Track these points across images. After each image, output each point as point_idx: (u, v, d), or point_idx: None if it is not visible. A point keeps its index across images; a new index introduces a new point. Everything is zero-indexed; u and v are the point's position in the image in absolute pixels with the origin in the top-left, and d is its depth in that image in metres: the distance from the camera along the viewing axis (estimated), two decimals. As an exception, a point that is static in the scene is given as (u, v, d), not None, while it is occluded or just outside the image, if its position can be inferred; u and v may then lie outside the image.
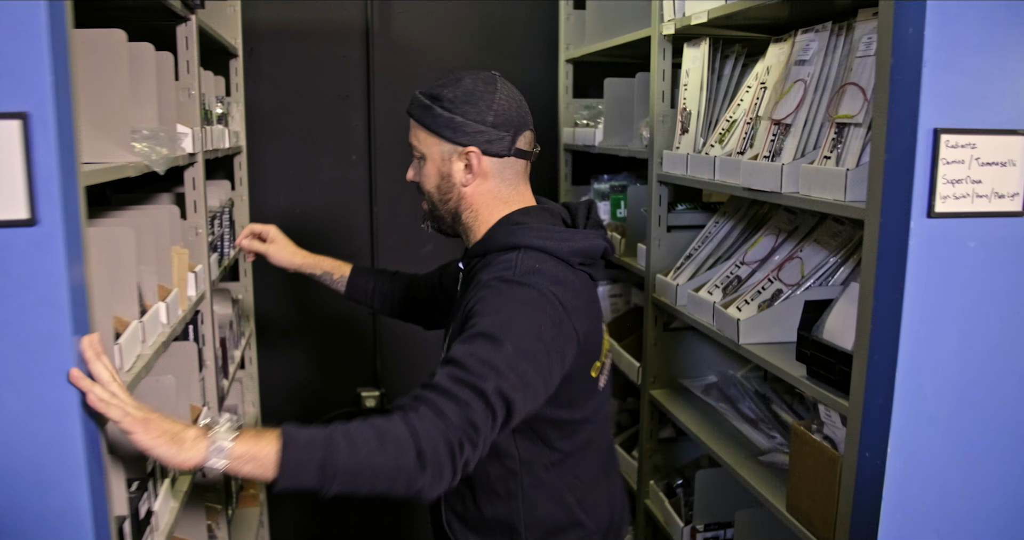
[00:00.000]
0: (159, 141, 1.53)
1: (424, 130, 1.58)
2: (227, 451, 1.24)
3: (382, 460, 1.25)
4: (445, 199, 1.61)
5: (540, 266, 1.48)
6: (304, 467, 1.24)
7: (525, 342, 1.38)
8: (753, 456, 2.15)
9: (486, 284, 1.46)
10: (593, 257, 1.59)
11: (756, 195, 1.90)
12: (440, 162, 1.58)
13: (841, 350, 1.62)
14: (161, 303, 1.70)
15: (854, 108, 1.65)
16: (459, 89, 1.57)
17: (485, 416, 1.31)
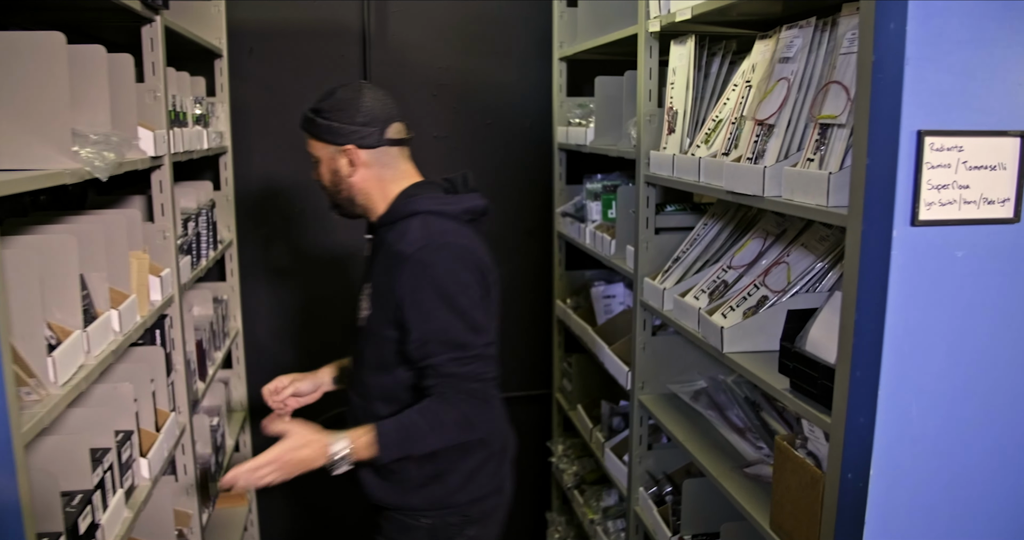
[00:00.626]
0: (108, 145, 1.47)
1: (313, 139, 1.90)
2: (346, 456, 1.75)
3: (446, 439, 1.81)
4: (339, 190, 1.92)
5: (443, 227, 1.82)
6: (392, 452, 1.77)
7: (469, 296, 1.79)
8: (739, 467, 2.08)
9: (412, 258, 1.76)
10: (477, 213, 1.94)
11: (738, 199, 1.83)
12: (329, 161, 1.90)
13: (823, 363, 1.55)
14: (113, 310, 1.64)
15: (837, 108, 1.57)
16: (332, 100, 1.87)
17: (489, 364, 1.85)
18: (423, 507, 1.93)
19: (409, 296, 1.76)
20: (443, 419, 1.77)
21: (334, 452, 1.73)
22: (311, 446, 1.74)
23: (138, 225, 1.91)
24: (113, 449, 1.67)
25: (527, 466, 3.87)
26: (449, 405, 1.77)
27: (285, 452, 1.72)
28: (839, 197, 1.50)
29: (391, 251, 1.82)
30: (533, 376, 3.79)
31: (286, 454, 1.71)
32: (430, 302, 1.75)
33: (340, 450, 1.74)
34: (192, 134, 2.36)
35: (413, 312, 1.76)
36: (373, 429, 1.76)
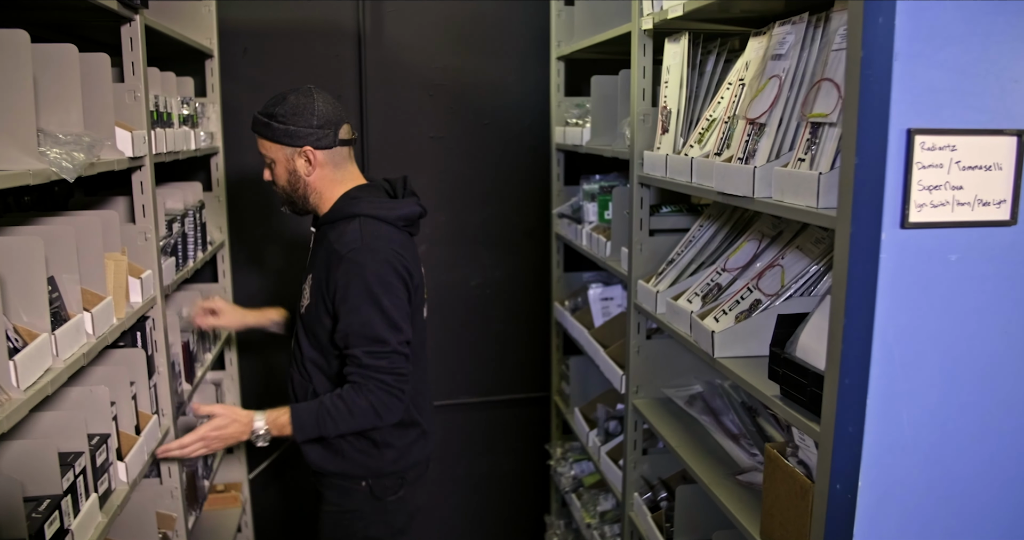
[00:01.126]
0: (79, 146, 1.44)
1: (269, 142, 2.04)
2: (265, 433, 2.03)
3: (356, 424, 2.01)
4: (295, 188, 2.09)
5: (377, 231, 2.00)
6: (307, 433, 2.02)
7: (393, 297, 1.97)
8: (731, 475, 2.03)
9: (346, 258, 1.96)
10: (412, 220, 2.11)
11: (729, 200, 1.78)
12: (286, 162, 2.05)
13: (813, 370, 1.50)
14: (85, 313, 1.61)
15: (828, 106, 1.53)
16: (286, 105, 2.00)
17: (404, 361, 2.01)
18: (361, 474, 2.15)
19: (340, 291, 1.97)
20: (354, 407, 1.98)
21: (255, 428, 2.03)
22: (236, 424, 2.03)
23: (115, 226, 1.88)
24: (86, 453, 1.63)
25: (526, 468, 3.84)
26: (362, 394, 1.98)
27: (212, 430, 2.03)
28: (829, 198, 1.45)
29: (331, 248, 2.00)
30: (531, 378, 3.75)
31: (212, 431, 2.03)
32: (357, 298, 1.95)
33: (259, 428, 2.03)
34: (178, 134, 2.33)
35: (342, 306, 1.97)
36: (288, 410, 2.02)
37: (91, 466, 1.66)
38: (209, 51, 2.96)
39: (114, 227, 1.91)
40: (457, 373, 3.65)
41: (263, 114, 2.02)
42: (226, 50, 3.16)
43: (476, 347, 3.64)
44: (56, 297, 1.59)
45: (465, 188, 3.53)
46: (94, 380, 1.83)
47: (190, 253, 2.56)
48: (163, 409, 2.18)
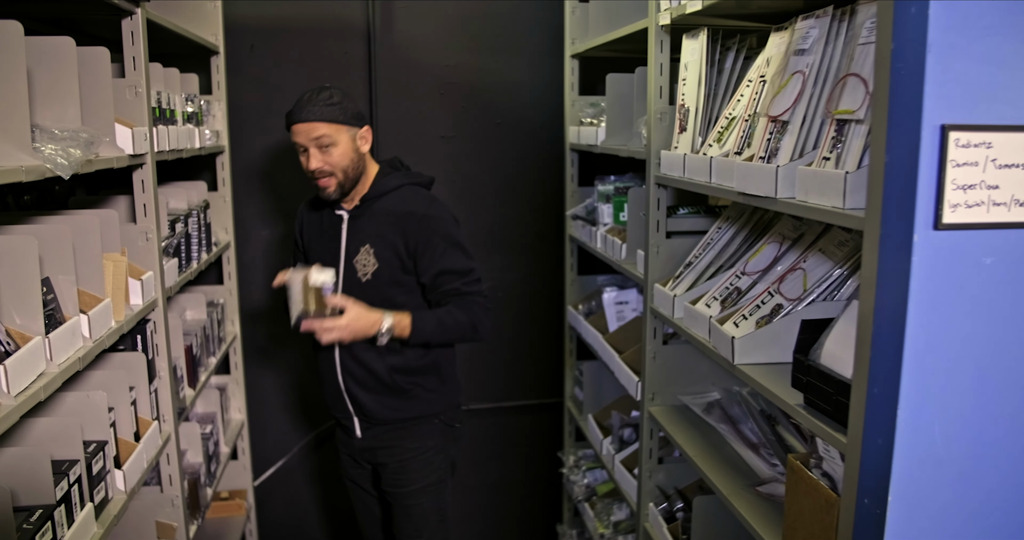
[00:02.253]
0: (76, 142, 1.38)
1: (335, 124, 2.20)
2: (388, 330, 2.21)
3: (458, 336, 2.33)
4: (357, 168, 2.29)
5: (425, 193, 2.38)
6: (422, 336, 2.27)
7: (464, 239, 2.35)
8: (751, 486, 1.96)
9: (425, 215, 2.29)
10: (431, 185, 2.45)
11: (750, 200, 1.71)
12: (351, 143, 2.25)
13: (839, 378, 1.43)
14: (82, 315, 1.56)
15: (855, 102, 1.45)
16: (336, 92, 2.23)
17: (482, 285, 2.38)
18: (436, 410, 2.45)
19: (423, 243, 2.28)
20: (461, 320, 2.29)
21: (382, 326, 2.20)
22: (366, 319, 2.19)
23: (115, 226, 1.83)
24: (82, 461, 1.58)
25: (537, 476, 3.77)
26: (464, 312, 2.30)
27: (352, 321, 2.17)
28: (856, 198, 1.38)
29: (398, 213, 2.29)
30: (544, 384, 3.68)
31: (352, 322, 2.17)
32: (442, 244, 2.29)
33: (386, 324, 2.20)
34: (182, 132, 2.28)
35: (427, 255, 2.28)
36: (410, 315, 2.25)
37: (87, 474, 1.61)
38: (215, 48, 2.92)
39: (113, 227, 1.86)
40: (467, 378, 3.56)
41: (323, 101, 2.18)
42: (232, 47, 3.11)
43: (487, 352, 3.57)
44: (51, 299, 1.54)
45: (476, 189, 3.47)
46: (91, 385, 1.78)
47: (194, 254, 2.51)
48: (164, 415, 2.13)
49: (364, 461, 2.54)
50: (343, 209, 2.36)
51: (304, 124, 2.18)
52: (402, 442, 2.44)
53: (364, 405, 2.40)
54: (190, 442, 2.52)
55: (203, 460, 2.58)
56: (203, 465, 2.57)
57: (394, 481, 2.47)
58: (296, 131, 2.20)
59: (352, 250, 2.34)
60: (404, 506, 2.48)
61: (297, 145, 2.22)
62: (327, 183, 2.25)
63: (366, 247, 2.31)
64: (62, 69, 1.56)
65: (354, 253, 2.33)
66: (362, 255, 2.32)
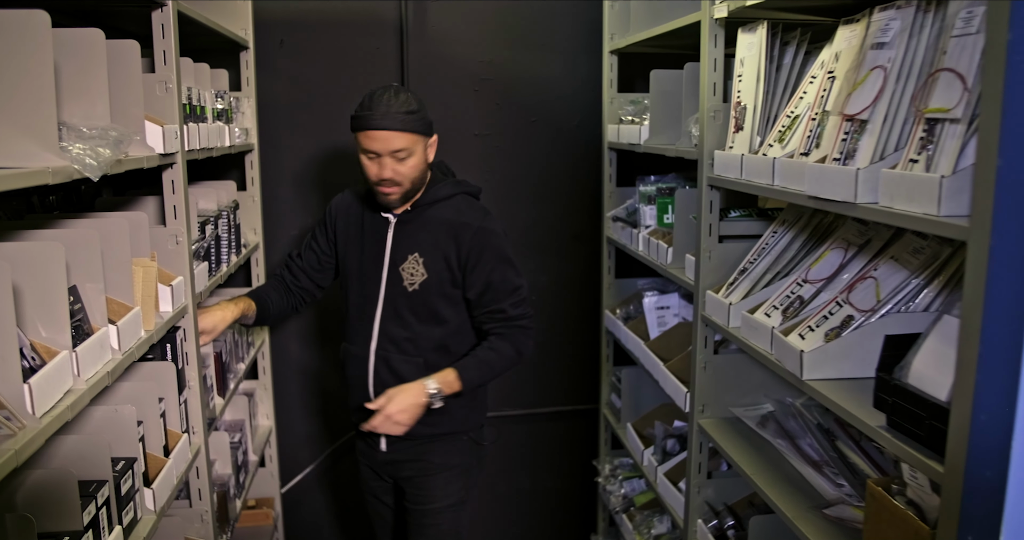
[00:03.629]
0: (105, 141, 1.28)
1: (413, 134, 2.10)
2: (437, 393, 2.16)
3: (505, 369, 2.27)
4: (423, 178, 2.22)
5: (477, 204, 2.31)
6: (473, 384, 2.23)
7: (512, 254, 2.27)
8: (816, 507, 1.84)
9: (480, 228, 2.21)
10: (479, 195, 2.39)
11: (824, 205, 1.59)
12: (423, 153, 2.17)
13: (933, 401, 1.31)
14: (111, 326, 1.46)
15: (950, 100, 1.33)
16: (413, 98, 2.12)
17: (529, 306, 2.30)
18: (468, 427, 2.37)
19: (475, 256, 2.20)
20: (504, 353, 2.24)
21: (430, 392, 2.15)
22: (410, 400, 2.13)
23: (145, 229, 1.74)
24: (110, 481, 1.48)
25: (571, 484, 3.66)
26: (508, 342, 2.24)
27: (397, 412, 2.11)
28: (954, 205, 1.26)
29: (452, 223, 2.21)
30: (579, 390, 3.57)
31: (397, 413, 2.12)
32: (494, 259, 2.21)
33: (432, 389, 2.15)
34: (212, 130, 2.18)
35: (479, 269, 2.21)
36: (453, 370, 2.19)
37: (115, 496, 1.51)
38: (244, 42, 2.82)
39: (143, 230, 1.76)
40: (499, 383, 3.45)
41: (400, 111, 2.07)
42: (262, 42, 3.02)
43: (520, 356, 3.46)
44: (78, 309, 1.44)
45: (511, 188, 3.36)
46: (119, 398, 1.69)
47: (223, 257, 2.41)
48: (194, 427, 2.04)
49: (386, 475, 2.45)
50: (390, 213, 2.26)
51: (384, 133, 2.07)
52: (428, 457, 2.36)
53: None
54: (219, 452, 2.43)
55: (232, 471, 2.49)
56: (232, 476, 2.48)
57: (415, 497, 2.39)
58: (372, 137, 2.08)
59: (399, 257, 2.24)
60: (421, 524, 2.40)
61: (367, 151, 2.11)
62: (392, 191, 2.16)
63: (414, 255, 2.23)
64: (91, 63, 1.46)
65: (400, 260, 2.24)
66: (410, 263, 2.23)
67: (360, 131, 2.09)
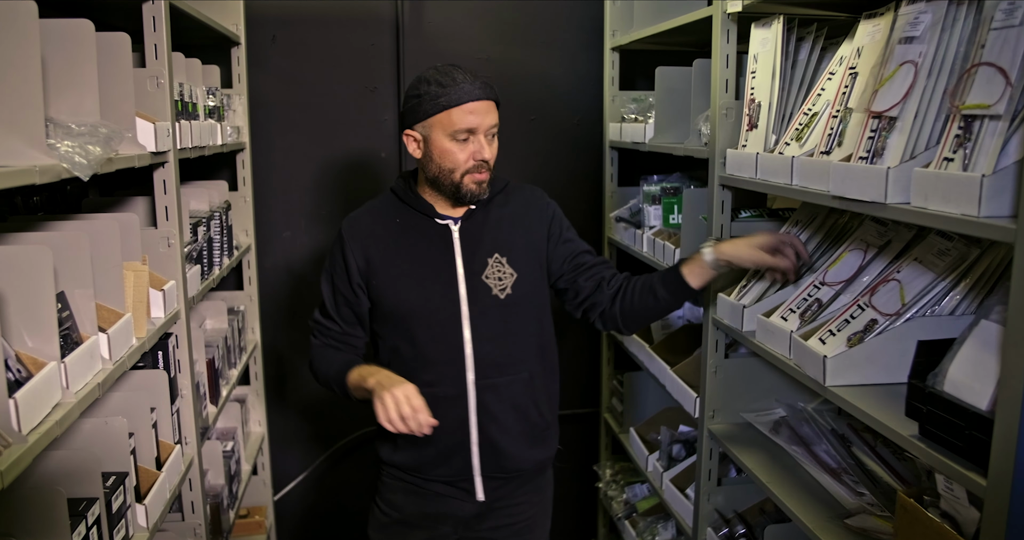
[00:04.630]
0: (95, 138, 1.20)
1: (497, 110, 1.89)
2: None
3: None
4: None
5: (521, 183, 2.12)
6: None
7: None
8: (837, 516, 1.78)
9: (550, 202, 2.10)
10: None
11: (851, 206, 1.53)
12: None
13: (973, 410, 1.24)
14: (101, 334, 1.38)
15: (991, 96, 1.27)
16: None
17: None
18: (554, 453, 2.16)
19: (556, 226, 2.05)
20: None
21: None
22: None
23: (136, 231, 1.66)
24: (101, 498, 1.40)
25: (571, 490, 3.58)
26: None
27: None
28: (996, 205, 1.20)
29: (526, 206, 2.03)
30: (579, 393, 3.50)
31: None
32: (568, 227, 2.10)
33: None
34: (204, 128, 2.11)
35: (563, 235, 2.06)
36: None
37: (106, 513, 1.43)
38: (236, 38, 2.74)
39: (134, 232, 1.68)
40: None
41: (487, 81, 1.86)
42: (254, 38, 2.94)
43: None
44: (67, 316, 1.36)
45: (509, 188, 3.29)
46: (109, 409, 1.61)
47: (216, 260, 2.33)
48: (186, 437, 1.96)
49: (467, 531, 2.07)
50: (447, 217, 1.95)
51: (484, 103, 1.83)
52: (535, 495, 2.12)
53: (505, 455, 1.98)
54: (212, 462, 2.34)
55: (225, 481, 2.41)
56: (225, 487, 2.39)
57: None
58: (471, 111, 1.81)
59: (476, 266, 1.93)
60: None
61: (459, 131, 1.82)
62: (486, 177, 1.90)
63: (495, 258, 1.94)
64: (80, 56, 1.38)
65: (480, 269, 1.93)
66: (492, 268, 1.94)
67: (454, 107, 1.80)
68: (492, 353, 1.94)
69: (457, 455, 1.95)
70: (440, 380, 1.91)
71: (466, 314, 1.91)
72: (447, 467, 1.96)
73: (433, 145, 1.85)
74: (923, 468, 1.69)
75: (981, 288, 1.56)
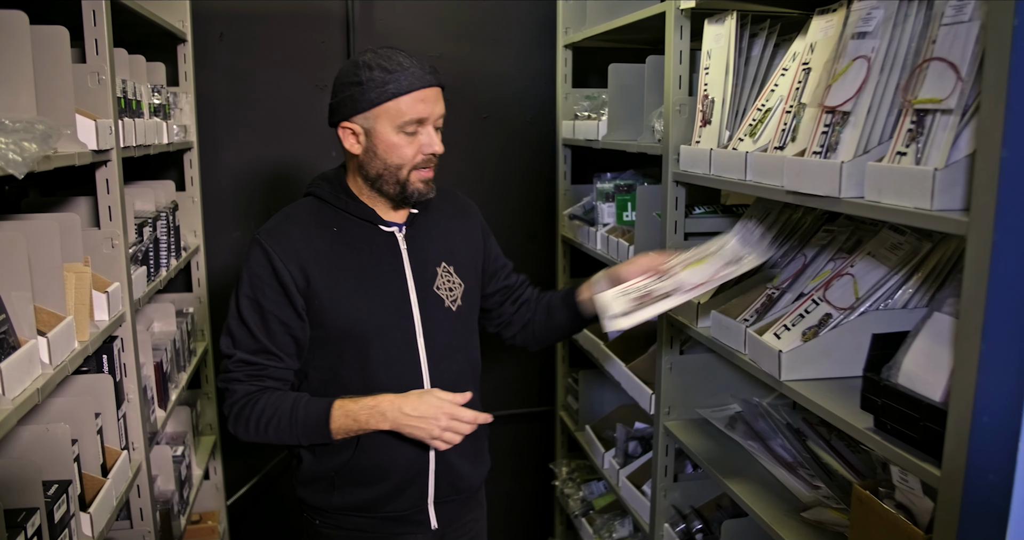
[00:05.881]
0: (31, 135, 1.15)
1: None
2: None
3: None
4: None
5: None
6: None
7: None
8: (793, 510, 1.79)
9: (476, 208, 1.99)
10: None
11: (805, 200, 1.53)
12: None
13: (928, 402, 1.26)
14: (40, 338, 1.33)
15: (942, 90, 1.28)
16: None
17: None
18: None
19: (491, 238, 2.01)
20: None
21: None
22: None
23: (77, 232, 1.60)
24: (41, 508, 1.35)
25: (527, 489, 3.58)
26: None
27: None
28: (948, 198, 1.21)
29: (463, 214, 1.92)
30: (534, 392, 3.49)
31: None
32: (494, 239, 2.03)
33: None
34: (149, 126, 2.05)
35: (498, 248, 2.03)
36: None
37: (47, 524, 1.38)
38: (182, 35, 2.68)
39: (75, 233, 1.62)
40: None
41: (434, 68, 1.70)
42: (200, 35, 2.87)
43: (473, 359, 3.37)
44: (3, 319, 1.31)
45: (462, 186, 3.21)
46: (51, 416, 1.56)
47: (162, 261, 2.27)
48: (134, 442, 1.90)
49: None
50: (392, 223, 1.77)
51: (435, 90, 1.66)
52: (478, 510, 2.00)
53: (459, 476, 1.84)
54: (161, 468, 2.28)
55: (175, 486, 2.35)
56: (175, 492, 2.34)
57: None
58: (423, 98, 1.63)
59: (427, 276, 1.77)
60: None
61: (409, 123, 1.64)
62: (432, 176, 1.74)
63: (443, 266, 1.79)
64: (13, 48, 1.33)
65: (431, 279, 1.77)
66: (442, 278, 1.79)
67: (404, 94, 1.62)
68: (447, 371, 1.79)
69: (414, 485, 1.78)
70: None
71: (420, 330, 1.74)
72: (402, 500, 1.79)
73: (377, 139, 1.66)
74: (878, 460, 1.70)
75: (933, 281, 1.58)
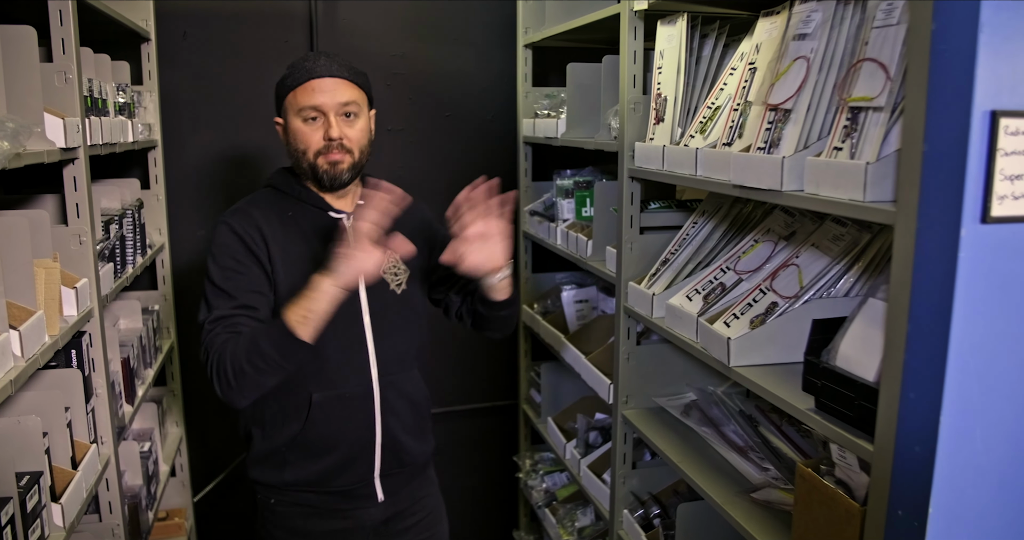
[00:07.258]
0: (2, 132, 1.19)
1: (360, 90, 1.84)
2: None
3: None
4: (367, 152, 1.89)
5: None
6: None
7: None
8: (744, 491, 1.87)
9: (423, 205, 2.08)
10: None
11: (749, 194, 1.61)
12: (367, 121, 1.87)
13: (862, 382, 1.34)
14: (12, 331, 1.36)
15: (873, 89, 1.37)
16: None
17: None
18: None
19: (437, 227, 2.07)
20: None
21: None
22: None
23: (46, 228, 1.63)
24: (15, 498, 1.39)
25: (492, 481, 3.64)
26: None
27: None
28: (879, 191, 1.30)
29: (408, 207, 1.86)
30: (497, 386, 3.55)
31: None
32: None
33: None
34: (114, 124, 2.08)
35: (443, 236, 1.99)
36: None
37: (20, 513, 1.41)
38: (146, 34, 2.70)
39: (44, 229, 1.66)
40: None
41: (350, 66, 1.82)
42: (164, 34, 2.89)
43: (436, 354, 3.42)
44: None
45: (425, 184, 3.30)
46: (22, 408, 1.58)
47: (129, 258, 2.30)
48: (102, 436, 1.93)
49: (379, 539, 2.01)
50: (339, 211, 1.89)
51: (330, 81, 1.76)
52: (430, 486, 2.12)
53: (404, 450, 1.96)
54: (129, 463, 2.31)
55: (143, 481, 2.38)
56: (143, 487, 2.36)
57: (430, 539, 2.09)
58: (315, 88, 1.75)
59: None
60: None
61: (305, 109, 1.77)
62: (342, 159, 1.80)
63: (388, 253, 1.78)
64: (-21, 48, 1.36)
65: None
66: (388, 263, 1.91)
67: (298, 86, 1.77)
68: (392, 349, 1.91)
69: (360, 458, 1.89)
70: (344, 380, 1.85)
71: (366, 310, 1.86)
72: (351, 473, 1.89)
73: (289, 128, 1.82)
74: (819, 439, 1.79)
75: (872, 270, 1.66)
